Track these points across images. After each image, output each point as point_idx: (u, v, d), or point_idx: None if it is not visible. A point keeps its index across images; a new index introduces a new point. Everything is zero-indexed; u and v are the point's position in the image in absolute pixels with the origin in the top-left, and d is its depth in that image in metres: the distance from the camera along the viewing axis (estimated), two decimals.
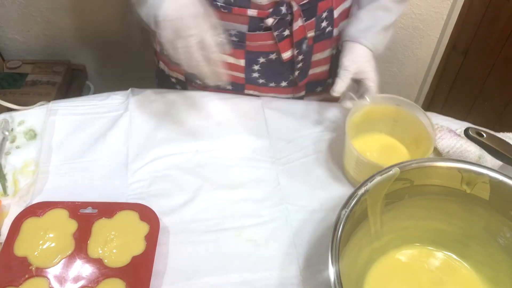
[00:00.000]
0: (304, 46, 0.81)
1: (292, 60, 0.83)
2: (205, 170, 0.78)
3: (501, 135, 0.79)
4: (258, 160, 0.80)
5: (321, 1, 0.79)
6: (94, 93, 1.49)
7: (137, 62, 1.39)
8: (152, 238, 0.66)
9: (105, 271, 0.63)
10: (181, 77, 0.92)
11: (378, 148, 0.78)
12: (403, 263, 0.66)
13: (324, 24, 0.82)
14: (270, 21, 0.75)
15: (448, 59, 1.43)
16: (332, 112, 0.87)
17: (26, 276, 0.62)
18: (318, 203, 0.74)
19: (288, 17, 0.76)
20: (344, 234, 0.54)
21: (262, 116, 0.86)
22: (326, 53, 0.87)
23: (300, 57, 0.82)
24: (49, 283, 0.62)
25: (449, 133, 0.76)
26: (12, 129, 0.82)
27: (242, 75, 0.86)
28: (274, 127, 0.85)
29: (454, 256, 0.66)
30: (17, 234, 0.66)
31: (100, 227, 0.67)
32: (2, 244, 0.66)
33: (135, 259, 0.64)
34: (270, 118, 0.86)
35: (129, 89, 0.89)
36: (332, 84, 0.79)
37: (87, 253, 0.65)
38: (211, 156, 0.80)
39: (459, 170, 0.59)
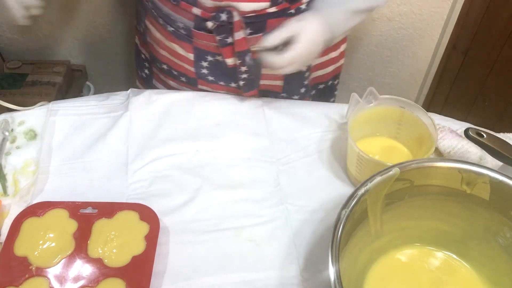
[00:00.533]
0: (247, 59, 0.79)
1: (235, 68, 0.82)
2: (205, 170, 0.78)
3: (501, 135, 0.79)
4: (258, 160, 0.80)
5: (271, 18, 0.77)
6: (94, 93, 1.50)
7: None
8: (152, 238, 0.66)
9: (105, 271, 0.63)
10: (148, 55, 0.95)
11: (380, 149, 0.78)
12: (403, 263, 0.66)
13: None
14: (210, 24, 0.76)
15: (448, 59, 1.43)
16: (332, 112, 0.87)
17: (26, 276, 0.62)
18: (318, 203, 0.74)
19: (231, 26, 0.76)
20: (344, 234, 0.54)
21: (262, 116, 0.86)
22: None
23: (243, 68, 0.81)
24: (49, 283, 0.62)
25: (451, 134, 0.76)
26: (12, 130, 0.82)
27: (192, 69, 0.86)
28: (274, 127, 0.85)
29: (454, 256, 0.66)
30: (17, 234, 0.66)
31: (100, 227, 0.67)
32: (2, 244, 0.66)
33: (135, 259, 0.64)
34: (270, 118, 0.86)
35: (129, 89, 0.89)
36: (286, 97, 0.80)
37: (87, 253, 0.65)
38: (211, 156, 0.80)
39: (459, 170, 0.59)
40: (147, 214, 0.69)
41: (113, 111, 0.86)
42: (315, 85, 0.97)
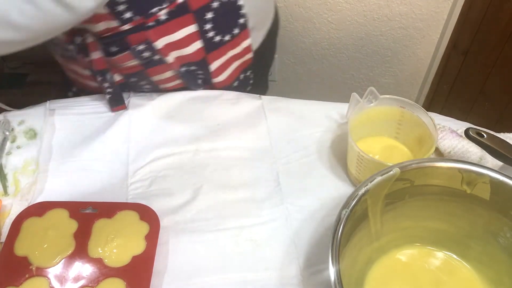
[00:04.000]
0: (108, 77, 0.81)
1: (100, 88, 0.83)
2: (205, 170, 0.78)
3: (501, 135, 0.79)
4: (258, 160, 0.80)
5: (131, 34, 0.75)
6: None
7: None
8: (152, 238, 0.66)
9: (105, 271, 0.63)
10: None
11: (380, 149, 0.78)
12: (403, 263, 0.66)
13: (146, 54, 0.79)
14: (71, 47, 0.78)
15: (449, 59, 1.43)
16: (332, 112, 0.87)
17: (27, 275, 0.62)
18: (318, 203, 0.74)
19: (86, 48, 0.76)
20: (344, 234, 0.54)
21: (262, 116, 0.86)
22: (167, 74, 0.84)
23: (106, 85, 0.82)
24: (50, 283, 0.62)
25: (451, 134, 0.76)
26: (12, 129, 0.82)
27: (93, 83, 0.85)
28: (274, 127, 0.85)
29: (455, 256, 0.66)
30: (18, 234, 0.66)
31: (101, 227, 0.68)
32: (3, 244, 0.66)
33: (135, 259, 0.64)
34: (270, 118, 0.86)
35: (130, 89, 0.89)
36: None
37: (87, 253, 0.65)
38: (211, 156, 0.80)
39: (460, 170, 0.59)
40: (147, 214, 0.69)
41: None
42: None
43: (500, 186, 0.58)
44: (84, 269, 0.63)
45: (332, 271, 0.50)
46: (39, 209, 0.69)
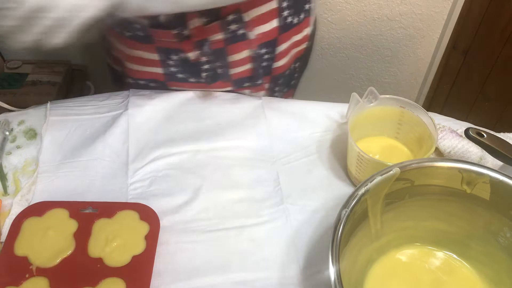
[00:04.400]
0: (205, 48, 0.78)
1: (198, 61, 0.81)
2: (205, 170, 0.78)
3: (501, 135, 0.79)
4: (258, 160, 0.80)
5: None
6: (94, 93, 1.49)
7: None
8: (152, 238, 0.66)
9: (105, 271, 0.63)
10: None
11: (380, 149, 0.78)
12: (403, 263, 0.66)
13: (233, 27, 0.78)
14: (162, 17, 0.73)
15: (449, 59, 1.43)
16: (332, 112, 0.87)
17: (27, 275, 0.62)
18: (318, 203, 0.74)
19: (184, 17, 0.74)
20: (344, 234, 0.54)
21: (262, 116, 0.86)
22: (243, 54, 0.84)
23: (204, 59, 0.80)
24: (50, 283, 0.62)
25: (451, 134, 0.76)
26: (12, 129, 0.82)
27: (160, 70, 0.85)
28: (274, 127, 0.85)
29: (455, 256, 0.66)
30: (18, 233, 0.66)
31: (101, 227, 0.67)
32: (3, 243, 0.66)
33: (135, 258, 0.64)
34: (270, 118, 0.86)
35: (129, 89, 0.89)
36: (258, 85, 0.80)
37: (87, 253, 0.65)
38: (211, 156, 0.80)
39: (460, 170, 0.59)
40: (147, 214, 0.69)
41: (113, 111, 0.86)
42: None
43: (500, 186, 0.58)
44: (84, 269, 0.63)
45: (332, 271, 0.50)
46: (39, 209, 0.69)
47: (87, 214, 0.69)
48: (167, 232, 0.70)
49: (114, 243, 0.66)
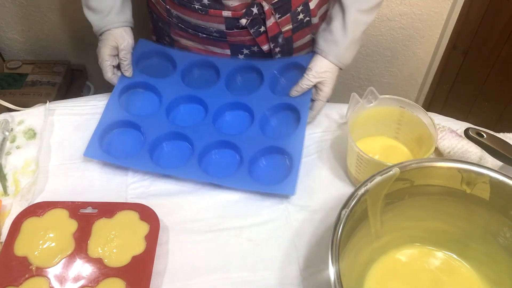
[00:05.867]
0: (280, 40, 0.84)
1: (271, 52, 0.86)
2: None
3: (501, 135, 0.79)
4: None
5: None
6: (94, 93, 1.50)
7: None
8: (152, 238, 0.66)
9: (105, 271, 0.63)
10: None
11: (380, 149, 0.78)
12: (403, 263, 0.66)
13: (300, 16, 0.84)
14: (244, 21, 0.79)
15: (448, 59, 1.43)
16: (332, 112, 0.87)
17: (26, 276, 0.62)
18: (318, 203, 0.74)
19: (262, 16, 0.79)
20: (344, 234, 0.54)
21: None
22: (306, 39, 0.89)
23: (277, 49, 0.85)
24: (49, 283, 0.62)
25: (451, 134, 0.76)
26: (12, 129, 0.82)
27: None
28: None
29: (454, 256, 0.66)
30: (17, 234, 0.66)
31: (100, 227, 0.67)
32: (3, 244, 0.66)
33: (135, 259, 0.64)
34: None
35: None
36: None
37: (87, 253, 0.65)
38: None
39: (459, 170, 0.59)
40: (147, 214, 0.69)
41: None
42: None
43: (500, 186, 0.58)
44: (84, 269, 0.63)
45: (332, 271, 0.50)
46: (39, 209, 0.69)
47: (86, 214, 0.69)
48: (167, 232, 0.70)
49: (114, 243, 0.66)
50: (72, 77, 1.47)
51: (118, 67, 0.84)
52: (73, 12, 1.36)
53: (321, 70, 0.80)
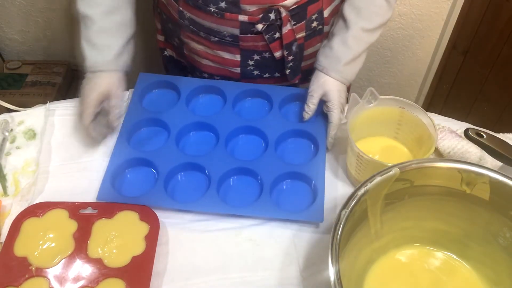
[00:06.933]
0: (293, 48, 0.82)
1: (283, 59, 0.84)
2: None
3: (501, 135, 0.79)
4: None
5: (311, 4, 0.80)
6: None
7: (136, 64, 1.38)
8: (152, 238, 0.66)
9: (105, 271, 0.63)
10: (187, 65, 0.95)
11: (380, 149, 0.78)
12: (403, 263, 0.66)
13: (314, 24, 0.83)
14: (260, 26, 0.78)
15: (448, 59, 1.43)
16: None
17: (26, 276, 0.62)
18: None
19: (278, 22, 0.78)
20: (344, 234, 0.54)
21: None
22: (317, 47, 0.88)
23: (290, 58, 0.84)
24: (49, 283, 0.62)
25: (451, 134, 0.76)
26: (11, 129, 0.82)
27: (237, 70, 0.87)
28: None
29: (454, 256, 0.66)
30: (17, 234, 0.66)
31: (100, 227, 0.67)
32: (2, 244, 0.66)
33: (135, 259, 0.64)
34: None
35: (129, 90, 0.89)
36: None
37: (87, 253, 0.65)
38: None
39: (459, 170, 0.59)
40: (147, 215, 0.69)
41: None
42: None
43: (499, 186, 0.58)
44: (83, 269, 0.63)
45: (332, 271, 0.50)
46: (38, 209, 0.69)
47: (86, 215, 0.69)
48: (167, 232, 0.70)
49: (114, 243, 0.66)
50: (72, 77, 1.47)
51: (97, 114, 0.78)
52: (73, 12, 1.36)
53: (322, 83, 0.78)
